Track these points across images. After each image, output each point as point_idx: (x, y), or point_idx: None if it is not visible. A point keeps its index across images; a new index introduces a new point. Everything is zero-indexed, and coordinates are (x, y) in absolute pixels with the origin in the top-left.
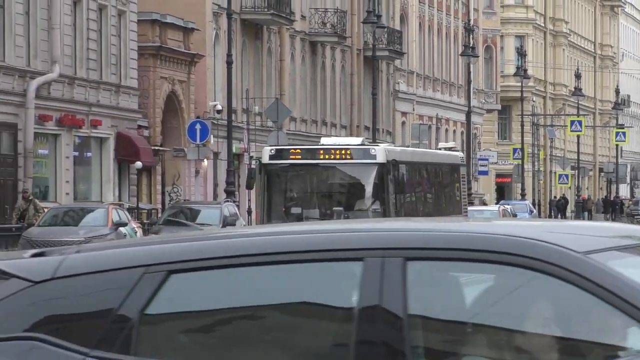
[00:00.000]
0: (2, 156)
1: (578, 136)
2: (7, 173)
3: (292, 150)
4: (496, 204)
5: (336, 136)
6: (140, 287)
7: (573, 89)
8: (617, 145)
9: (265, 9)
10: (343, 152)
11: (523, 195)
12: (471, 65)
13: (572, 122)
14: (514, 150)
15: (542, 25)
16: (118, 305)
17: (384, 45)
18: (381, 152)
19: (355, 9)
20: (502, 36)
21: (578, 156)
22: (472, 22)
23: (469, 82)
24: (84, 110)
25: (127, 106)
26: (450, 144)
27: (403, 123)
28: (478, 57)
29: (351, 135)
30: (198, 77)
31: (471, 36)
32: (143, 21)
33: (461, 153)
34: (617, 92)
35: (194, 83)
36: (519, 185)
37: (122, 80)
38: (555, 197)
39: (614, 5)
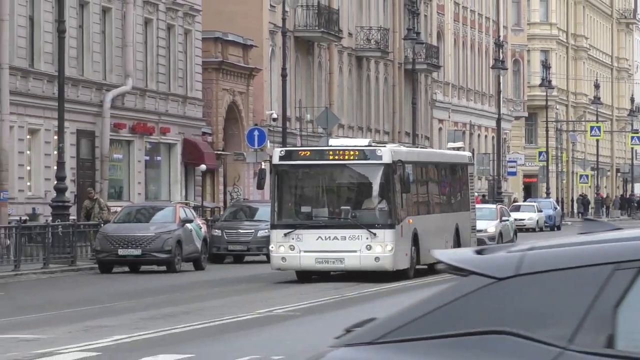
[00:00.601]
0: (81, 160)
1: (597, 140)
2: (85, 175)
3: (301, 151)
4: (524, 201)
5: (379, 141)
6: (612, 284)
7: (592, 98)
8: (632, 148)
9: (316, 27)
10: (350, 152)
11: (548, 194)
12: (501, 77)
13: (591, 128)
14: (540, 153)
15: (565, 40)
16: (590, 301)
17: (422, 59)
18: (387, 152)
19: (396, 27)
20: (528, 51)
21: (597, 158)
22: (501, 38)
23: (498, 92)
24: (154, 119)
25: (192, 115)
26: (458, 144)
27: (440, 129)
28: (507, 69)
29: (393, 140)
30: (256, 89)
31: (501, 51)
32: (207, 39)
33: (469, 153)
34: (632, 100)
35: (252, 94)
36: (544, 184)
37: (188, 92)
38: (581, 194)
39: (629, 22)
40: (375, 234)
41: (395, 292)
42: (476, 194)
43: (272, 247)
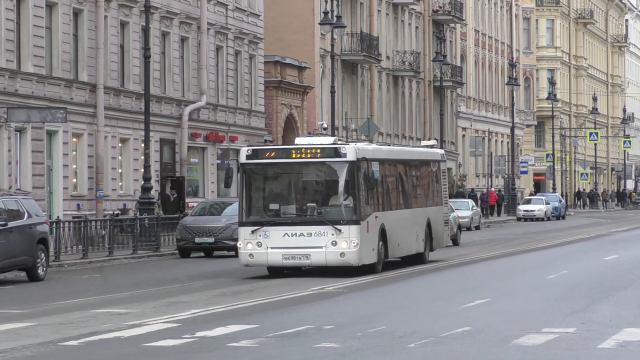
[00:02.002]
0: (164, 164)
1: (595, 144)
2: (168, 176)
3: (267, 150)
4: (534, 195)
5: (413, 147)
6: None
7: (591, 109)
8: (624, 150)
9: (359, 52)
10: (315, 151)
11: (554, 189)
12: (514, 92)
13: (590, 134)
14: (547, 155)
15: (568, 61)
16: None
17: (448, 78)
18: (351, 150)
19: (427, 51)
20: (537, 70)
21: (595, 159)
22: (514, 60)
23: (512, 104)
24: (224, 129)
25: (256, 125)
26: (431, 142)
27: (463, 136)
28: (519, 85)
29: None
30: (309, 103)
31: (514, 70)
32: (268, 62)
33: (441, 150)
34: (624, 110)
35: (306, 108)
36: (551, 181)
37: (252, 106)
38: (584, 189)
39: (621, 45)
40: (340, 230)
41: (426, 272)
42: (492, 188)
43: (240, 244)
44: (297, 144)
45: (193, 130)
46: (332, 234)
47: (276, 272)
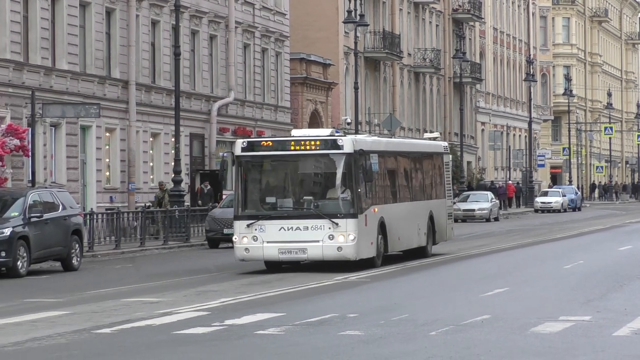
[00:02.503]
0: (194, 157)
1: (610, 138)
2: (197, 169)
3: (263, 142)
4: (551, 187)
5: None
6: None
7: (606, 104)
8: (638, 144)
9: (382, 49)
10: (312, 142)
11: (570, 182)
12: (531, 88)
13: (605, 128)
14: (563, 149)
15: (583, 58)
16: None
17: (468, 74)
18: (348, 142)
19: (447, 48)
20: (553, 66)
21: (610, 152)
22: (531, 56)
23: (529, 99)
24: (252, 124)
25: (282, 120)
26: (434, 134)
27: (482, 130)
28: (536, 81)
29: (443, 140)
30: (333, 99)
31: (531, 66)
32: (294, 59)
33: (444, 142)
34: (638, 106)
35: (331, 103)
36: (567, 174)
37: (278, 102)
38: (600, 182)
39: (635, 43)
40: (337, 224)
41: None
42: (510, 181)
43: (235, 238)
44: (293, 136)
45: (221, 125)
46: (329, 228)
47: (274, 266)
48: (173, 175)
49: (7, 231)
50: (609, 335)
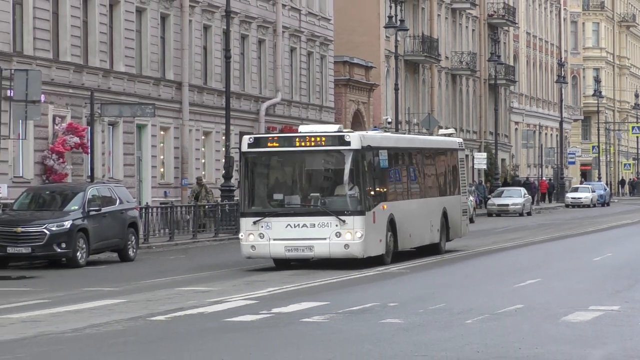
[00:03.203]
0: None
1: (637, 137)
2: None
3: (270, 138)
4: (581, 184)
5: (469, 139)
6: None
7: (633, 104)
8: None
9: (421, 53)
10: (318, 139)
11: (599, 178)
12: (562, 89)
13: (633, 127)
14: (593, 147)
15: (612, 60)
16: None
17: (502, 76)
18: (356, 138)
19: (482, 51)
20: (584, 69)
21: (637, 150)
22: (563, 59)
23: (561, 100)
24: (298, 122)
25: (326, 120)
26: (449, 131)
27: (516, 129)
28: (567, 83)
29: (479, 138)
30: (375, 100)
31: (562, 69)
32: (337, 62)
33: (459, 139)
34: None
35: (372, 103)
36: (597, 171)
37: (323, 102)
38: (630, 178)
39: None
40: (344, 221)
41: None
42: (543, 178)
43: (241, 236)
44: (300, 132)
45: (269, 124)
46: (336, 225)
47: (282, 263)
48: (224, 172)
49: (67, 224)
50: (637, 324)
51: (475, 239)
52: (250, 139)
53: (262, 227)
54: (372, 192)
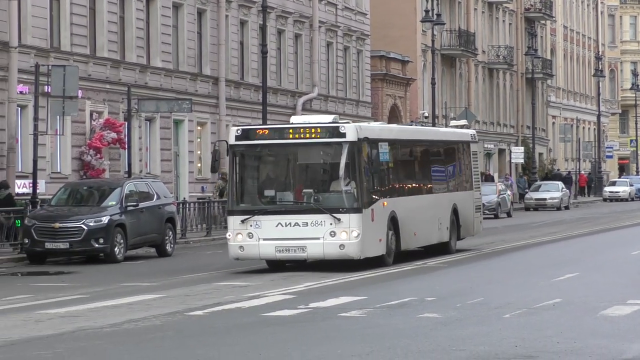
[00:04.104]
0: None
1: None
2: None
3: (258, 130)
4: (619, 177)
5: (507, 134)
6: None
7: None
8: None
9: (458, 47)
10: (312, 130)
11: (637, 172)
12: (600, 83)
13: None
14: (631, 140)
15: None
16: None
17: (539, 70)
18: (352, 129)
19: (519, 45)
20: (621, 62)
21: None
22: (600, 53)
23: (598, 94)
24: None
25: (363, 114)
26: (461, 122)
27: (553, 123)
28: (605, 77)
29: (516, 132)
30: (411, 94)
31: (600, 62)
32: (374, 56)
33: (472, 130)
34: None
35: (409, 98)
36: (635, 165)
37: (360, 97)
38: None
39: None
40: (339, 219)
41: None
42: (583, 172)
43: (229, 235)
44: (291, 123)
45: None
46: (331, 224)
47: (275, 265)
48: None
49: (105, 219)
50: None
51: (513, 233)
52: (238, 131)
53: (251, 226)
54: (371, 188)
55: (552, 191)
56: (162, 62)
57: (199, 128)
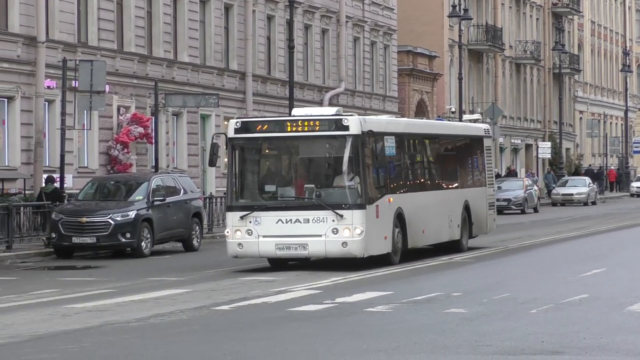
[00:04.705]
0: None
1: None
2: None
3: (259, 123)
4: None
5: (533, 129)
6: None
7: None
8: None
9: (485, 42)
10: (314, 123)
11: None
12: (627, 78)
13: None
14: None
15: None
16: None
17: (566, 65)
18: (355, 122)
19: (547, 40)
20: None
21: None
22: (627, 48)
23: (625, 89)
24: (361, 113)
25: (390, 109)
26: (475, 116)
27: (580, 118)
28: (632, 72)
29: (543, 128)
30: (438, 89)
31: (627, 57)
32: (401, 51)
33: (485, 125)
34: None
35: (436, 93)
36: None
37: (387, 92)
38: None
39: None
40: (342, 216)
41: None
42: (612, 167)
43: (227, 232)
44: (292, 116)
45: None
46: (333, 221)
47: (277, 263)
48: None
49: (132, 214)
50: None
51: (539, 228)
52: (237, 123)
53: (250, 222)
54: (376, 184)
55: (579, 186)
56: (189, 57)
57: (225, 123)
